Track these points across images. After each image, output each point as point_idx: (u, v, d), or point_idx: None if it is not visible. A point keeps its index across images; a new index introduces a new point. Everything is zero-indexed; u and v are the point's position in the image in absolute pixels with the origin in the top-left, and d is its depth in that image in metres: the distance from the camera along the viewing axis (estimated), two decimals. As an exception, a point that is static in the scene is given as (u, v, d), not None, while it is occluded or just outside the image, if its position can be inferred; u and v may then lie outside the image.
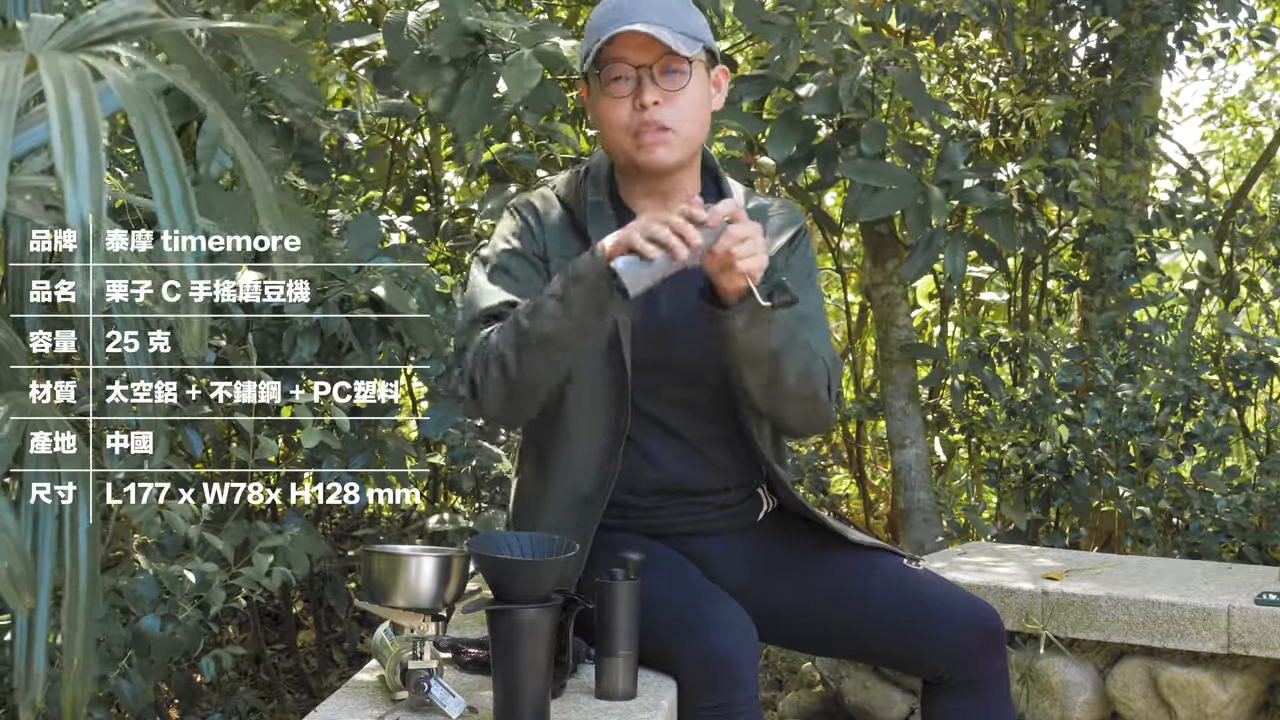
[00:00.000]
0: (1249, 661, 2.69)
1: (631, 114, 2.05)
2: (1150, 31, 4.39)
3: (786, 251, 2.20)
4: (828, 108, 3.74)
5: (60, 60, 1.17)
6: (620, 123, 2.06)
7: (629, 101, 2.05)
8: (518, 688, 1.71)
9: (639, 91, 2.04)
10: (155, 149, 1.19)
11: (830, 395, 2.11)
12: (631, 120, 2.05)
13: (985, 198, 3.85)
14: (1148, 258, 4.35)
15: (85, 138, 1.10)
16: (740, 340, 1.95)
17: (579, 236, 2.12)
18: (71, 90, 1.13)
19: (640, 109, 2.04)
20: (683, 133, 2.07)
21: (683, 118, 2.06)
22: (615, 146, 2.10)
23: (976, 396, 4.43)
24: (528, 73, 2.88)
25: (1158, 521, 3.92)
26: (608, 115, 2.07)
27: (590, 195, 2.14)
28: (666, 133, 2.05)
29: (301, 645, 3.73)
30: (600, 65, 2.05)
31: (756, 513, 2.24)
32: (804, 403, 2.07)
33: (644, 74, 2.04)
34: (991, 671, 2.09)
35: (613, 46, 2.03)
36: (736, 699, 1.86)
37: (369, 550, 1.81)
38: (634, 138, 2.06)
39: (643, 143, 2.05)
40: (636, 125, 2.05)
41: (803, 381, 2.04)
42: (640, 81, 2.04)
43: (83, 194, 1.09)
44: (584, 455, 2.08)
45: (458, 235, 3.91)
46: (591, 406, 2.08)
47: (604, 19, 2.06)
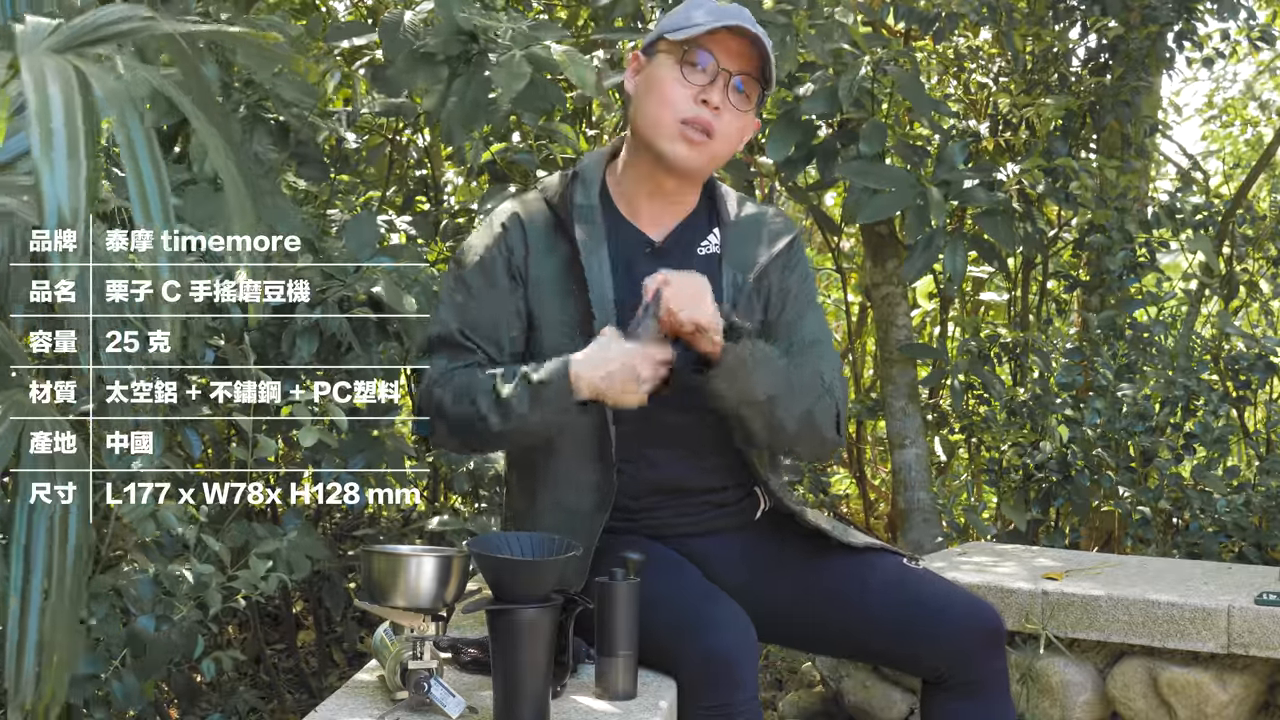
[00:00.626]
0: (1249, 661, 2.69)
1: (691, 104, 2.05)
2: (1150, 32, 4.39)
3: (782, 263, 2.19)
4: (827, 108, 3.74)
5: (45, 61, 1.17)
6: (675, 104, 2.05)
7: (694, 92, 2.05)
8: (518, 688, 1.71)
9: (709, 89, 2.05)
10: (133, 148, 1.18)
11: (840, 429, 2.13)
12: (688, 108, 2.05)
13: (985, 198, 3.85)
14: (1148, 258, 4.35)
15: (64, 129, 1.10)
16: (729, 396, 1.99)
17: (565, 240, 2.11)
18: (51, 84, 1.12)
19: (702, 105, 2.04)
20: (718, 149, 2.09)
21: (727, 135, 2.08)
22: (652, 124, 2.08)
23: (976, 396, 4.43)
24: (516, 74, 2.87)
25: (1158, 521, 3.92)
26: (665, 91, 2.06)
27: (578, 198, 2.13)
28: (709, 140, 2.06)
29: (301, 645, 3.73)
30: (687, 45, 2.05)
31: (754, 512, 2.24)
32: (809, 443, 2.12)
33: (723, 77, 2.05)
34: (991, 671, 2.08)
35: (713, 37, 2.04)
36: (736, 699, 1.86)
37: (369, 550, 1.81)
38: (679, 125, 2.05)
39: (684, 135, 2.05)
40: (690, 116, 2.05)
41: (805, 424, 2.07)
42: (715, 80, 2.05)
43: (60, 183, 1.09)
44: (576, 482, 2.09)
45: (457, 235, 3.91)
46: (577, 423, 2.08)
47: (706, 8, 2.07)
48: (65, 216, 1.10)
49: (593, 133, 4.48)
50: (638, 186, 2.15)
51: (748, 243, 2.18)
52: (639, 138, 2.12)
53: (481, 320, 2.09)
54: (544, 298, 2.10)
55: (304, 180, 3.29)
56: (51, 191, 1.09)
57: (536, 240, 2.12)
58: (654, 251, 2.14)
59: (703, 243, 2.17)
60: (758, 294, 2.16)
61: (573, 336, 2.07)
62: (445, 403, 2.04)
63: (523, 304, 2.11)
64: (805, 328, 2.19)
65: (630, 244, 2.14)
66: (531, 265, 2.11)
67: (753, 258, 2.16)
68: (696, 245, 2.17)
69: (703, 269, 2.13)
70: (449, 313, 2.11)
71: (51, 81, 1.11)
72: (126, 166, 1.18)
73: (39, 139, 1.10)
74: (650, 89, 2.09)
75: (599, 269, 2.08)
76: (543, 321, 2.10)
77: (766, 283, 2.17)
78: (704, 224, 2.18)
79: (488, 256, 2.12)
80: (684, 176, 2.12)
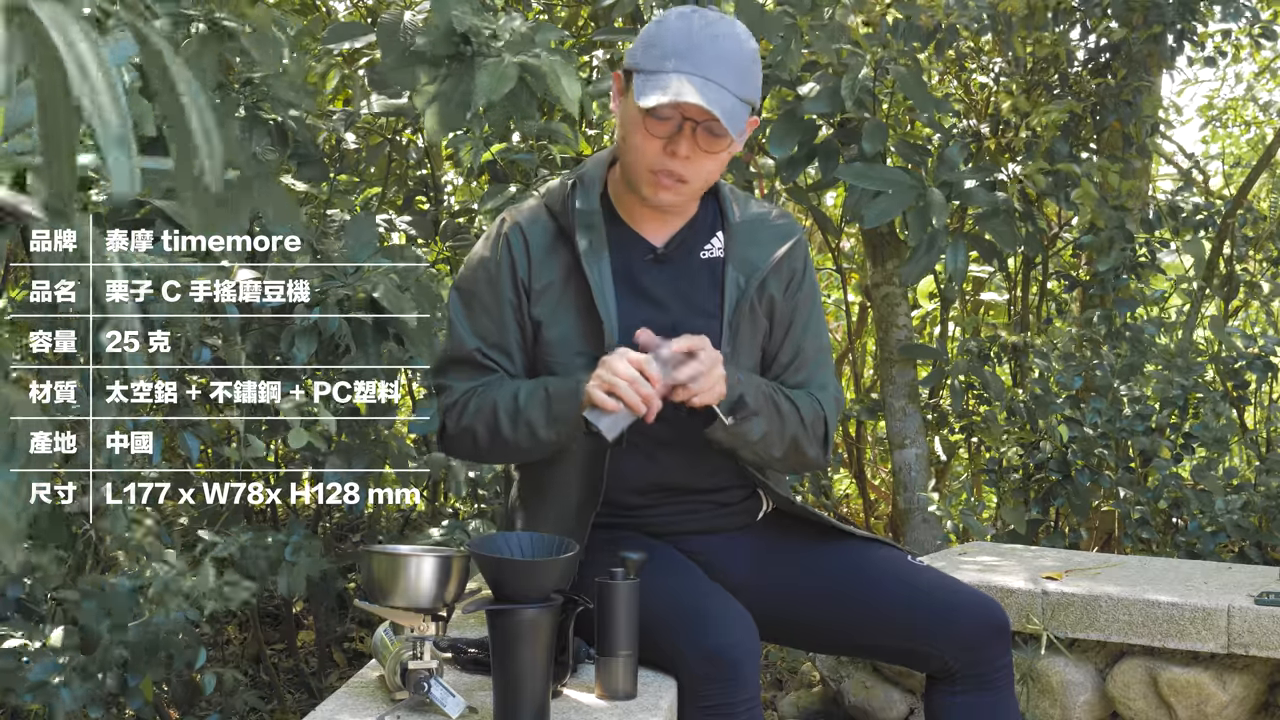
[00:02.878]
0: (1249, 661, 2.69)
1: (659, 155, 2.01)
2: (1152, 33, 4.39)
3: (786, 266, 2.19)
4: (829, 107, 3.74)
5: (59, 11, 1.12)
6: (645, 154, 2.02)
7: (662, 142, 2.00)
8: (518, 688, 1.71)
9: (675, 140, 1.99)
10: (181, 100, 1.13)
11: (826, 445, 2.18)
12: (656, 160, 2.01)
13: (986, 198, 3.85)
14: (1148, 258, 4.35)
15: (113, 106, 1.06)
16: (724, 441, 2.05)
17: (566, 247, 2.10)
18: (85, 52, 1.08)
19: (670, 155, 2.00)
20: (695, 186, 2.06)
21: (703, 174, 2.05)
22: (628, 167, 2.07)
23: (976, 396, 4.43)
24: (502, 78, 2.87)
25: (1158, 521, 3.92)
26: (635, 140, 2.02)
27: (579, 204, 2.11)
28: (682, 184, 2.03)
29: (301, 645, 3.73)
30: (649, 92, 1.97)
31: (757, 511, 2.24)
32: (796, 465, 2.19)
33: (688, 126, 1.99)
34: (998, 666, 2.09)
35: None
36: (737, 698, 1.86)
37: (369, 550, 1.81)
38: (650, 174, 2.03)
39: (657, 184, 2.03)
40: (659, 166, 2.01)
41: (792, 450, 2.13)
42: (681, 130, 1.99)
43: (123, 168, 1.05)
44: (572, 464, 2.09)
45: (457, 235, 3.91)
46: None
47: (671, 46, 1.98)
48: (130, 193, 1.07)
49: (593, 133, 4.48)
50: (633, 199, 2.13)
51: (752, 245, 2.16)
52: (621, 168, 2.11)
53: (493, 335, 2.10)
54: (547, 307, 2.10)
55: (303, 181, 3.29)
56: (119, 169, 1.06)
57: (538, 250, 2.11)
58: (656, 258, 2.13)
59: (705, 247, 2.16)
60: (760, 298, 2.15)
61: (576, 345, 2.07)
62: (468, 425, 2.07)
63: (527, 314, 2.10)
64: (809, 339, 2.21)
65: (632, 251, 2.13)
66: (534, 276, 2.10)
67: (757, 260, 2.15)
68: (699, 250, 2.16)
69: (705, 273, 2.13)
70: (462, 331, 2.12)
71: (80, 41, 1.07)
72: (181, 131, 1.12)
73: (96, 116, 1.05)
74: (623, 129, 2.06)
75: (601, 277, 2.07)
76: (546, 330, 2.09)
77: (769, 289, 2.16)
78: (706, 228, 2.17)
79: (493, 270, 2.12)
80: None
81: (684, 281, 2.13)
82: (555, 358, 2.09)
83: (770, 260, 2.15)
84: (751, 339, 2.14)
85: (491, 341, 2.09)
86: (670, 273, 2.13)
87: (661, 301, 2.11)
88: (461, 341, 2.11)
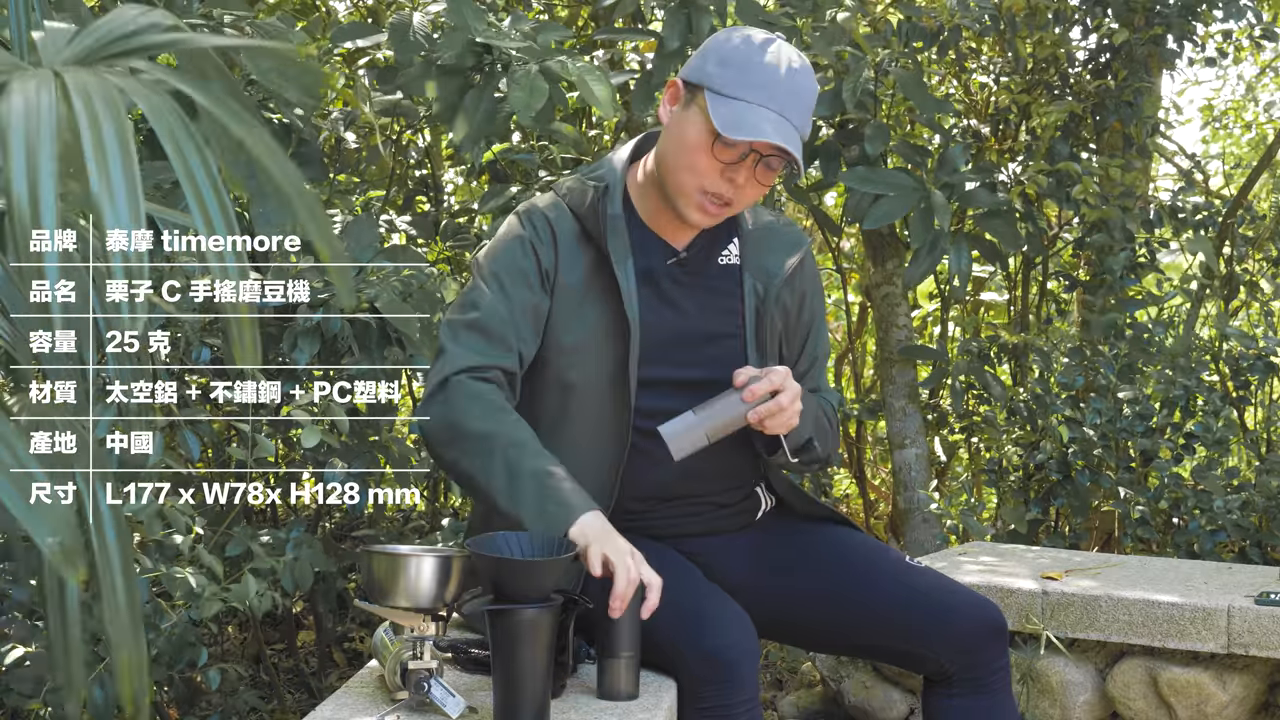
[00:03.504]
0: (1249, 661, 2.69)
1: (716, 178, 2.00)
2: (1153, 33, 4.39)
3: (799, 276, 2.21)
4: (831, 109, 3.74)
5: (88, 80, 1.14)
6: (701, 175, 2.00)
7: (721, 168, 1.99)
8: (518, 688, 1.71)
9: (737, 168, 1.99)
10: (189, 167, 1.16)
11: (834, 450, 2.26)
12: (713, 184, 2.00)
13: (987, 199, 3.85)
14: (1148, 258, 4.35)
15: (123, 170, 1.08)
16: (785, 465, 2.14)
17: (589, 248, 2.09)
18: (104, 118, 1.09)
19: (727, 182, 2.00)
20: (734, 210, 2.07)
21: (745, 201, 2.05)
22: (673, 183, 2.04)
23: (976, 396, 4.43)
24: (535, 92, 2.87)
25: (1158, 521, 3.92)
26: (693, 158, 2.00)
27: (609, 209, 2.09)
28: (725, 208, 2.04)
29: (301, 645, 3.73)
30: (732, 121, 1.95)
31: (755, 511, 2.24)
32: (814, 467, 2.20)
33: (753, 157, 1.99)
34: (996, 669, 2.09)
35: None
36: (736, 699, 1.86)
37: (369, 550, 1.81)
38: (700, 195, 2.01)
39: (703, 207, 2.02)
40: (714, 190, 2.01)
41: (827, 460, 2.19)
42: (745, 158, 1.98)
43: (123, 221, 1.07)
44: (584, 468, 2.06)
45: (458, 235, 3.91)
46: (596, 421, 2.08)
47: (760, 81, 1.97)
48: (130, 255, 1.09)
49: (593, 132, 4.48)
50: (659, 204, 2.13)
51: (766, 253, 2.19)
52: (662, 177, 2.08)
53: (512, 315, 2.04)
54: (566, 307, 2.08)
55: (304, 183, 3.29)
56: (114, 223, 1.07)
57: (566, 247, 2.09)
58: (677, 262, 2.13)
59: (723, 253, 2.17)
60: (775, 305, 2.17)
61: (599, 349, 2.06)
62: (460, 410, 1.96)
63: (545, 308, 2.07)
64: (820, 346, 2.27)
65: (654, 254, 2.13)
66: (560, 271, 2.08)
67: (772, 268, 2.18)
68: (717, 256, 2.17)
69: (723, 279, 2.15)
70: (481, 301, 2.04)
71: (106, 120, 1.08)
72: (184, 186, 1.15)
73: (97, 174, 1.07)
74: (680, 144, 2.02)
75: (626, 280, 2.07)
76: (564, 335, 2.07)
77: (783, 297, 2.19)
78: (724, 234, 2.18)
79: (521, 254, 2.07)
80: None
81: (704, 287, 2.15)
82: (573, 365, 2.07)
83: (785, 269, 2.18)
84: (770, 345, 2.16)
85: (505, 318, 2.03)
86: (691, 278, 2.14)
87: (683, 306, 2.12)
88: (477, 310, 2.03)
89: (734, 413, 1.95)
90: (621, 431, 2.06)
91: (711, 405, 1.96)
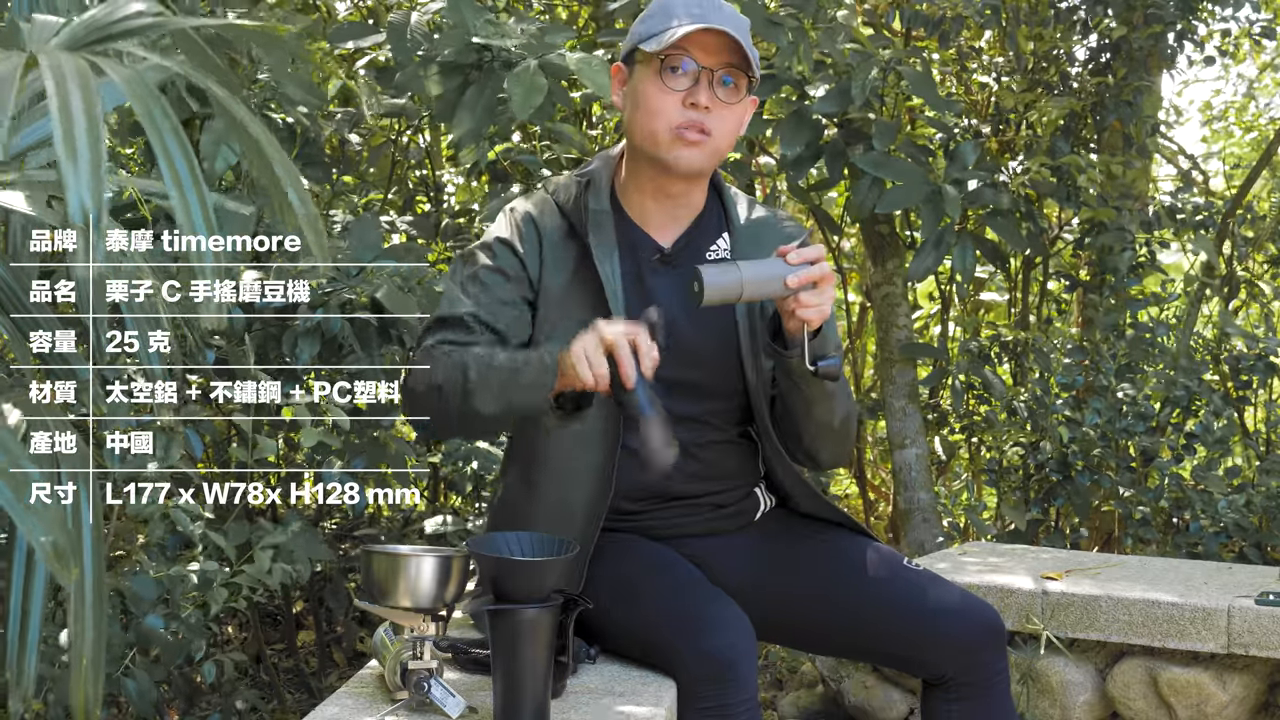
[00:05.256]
0: (1249, 661, 2.69)
1: (680, 109, 2.02)
2: (1152, 31, 4.39)
3: None
4: (839, 108, 3.74)
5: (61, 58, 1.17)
6: (666, 114, 2.03)
7: (680, 97, 2.02)
8: (518, 688, 1.71)
9: (694, 91, 2.02)
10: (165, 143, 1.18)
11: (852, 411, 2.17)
12: (678, 114, 2.02)
13: (992, 197, 3.85)
14: (1148, 258, 4.35)
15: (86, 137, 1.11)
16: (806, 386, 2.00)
17: (576, 245, 2.09)
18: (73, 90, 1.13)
19: (691, 108, 2.02)
20: (718, 144, 2.06)
21: (724, 129, 2.05)
22: (647, 136, 2.06)
23: (976, 396, 4.43)
24: (533, 88, 2.87)
25: (1158, 521, 3.92)
26: (654, 103, 2.03)
27: (592, 204, 2.10)
28: (706, 137, 2.04)
29: (301, 645, 3.74)
30: (664, 52, 2.01)
31: (754, 512, 2.24)
32: (842, 443, 2.15)
33: (705, 76, 2.02)
34: (994, 672, 2.09)
35: (688, 38, 2.00)
36: (735, 699, 1.86)
37: (369, 550, 1.81)
38: (674, 132, 2.03)
39: (683, 138, 2.03)
40: (682, 121, 2.02)
41: (844, 424, 2.11)
42: (698, 81, 2.02)
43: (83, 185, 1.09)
44: (577, 471, 2.07)
45: (458, 235, 3.91)
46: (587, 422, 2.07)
47: (671, 7, 2.03)
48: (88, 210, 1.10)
49: (594, 132, 4.49)
50: (643, 192, 2.12)
51: (758, 247, 2.15)
52: (637, 150, 2.10)
53: (490, 309, 2.05)
54: (552, 307, 2.08)
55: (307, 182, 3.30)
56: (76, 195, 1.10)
57: (550, 246, 2.10)
58: (663, 258, 2.13)
59: (711, 247, 2.16)
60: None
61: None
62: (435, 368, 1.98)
63: (530, 308, 2.08)
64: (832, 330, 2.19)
65: (640, 250, 2.12)
66: (545, 272, 2.08)
67: None
68: (705, 250, 2.16)
69: None
70: (459, 295, 2.06)
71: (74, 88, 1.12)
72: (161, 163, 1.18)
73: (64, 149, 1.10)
74: (638, 103, 2.06)
75: (612, 277, 2.07)
76: (547, 329, 2.07)
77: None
78: (713, 228, 2.17)
79: (504, 254, 2.09)
80: (690, 178, 2.10)
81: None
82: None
83: None
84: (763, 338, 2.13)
85: (486, 314, 2.04)
86: (677, 274, 2.12)
87: (669, 303, 2.11)
88: (455, 305, 2.05)
89: (774, 271, 1.89)
90: (612, 432, 2.06)
91: (755, 262, 1.93)
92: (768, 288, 1.89)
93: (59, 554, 1.17)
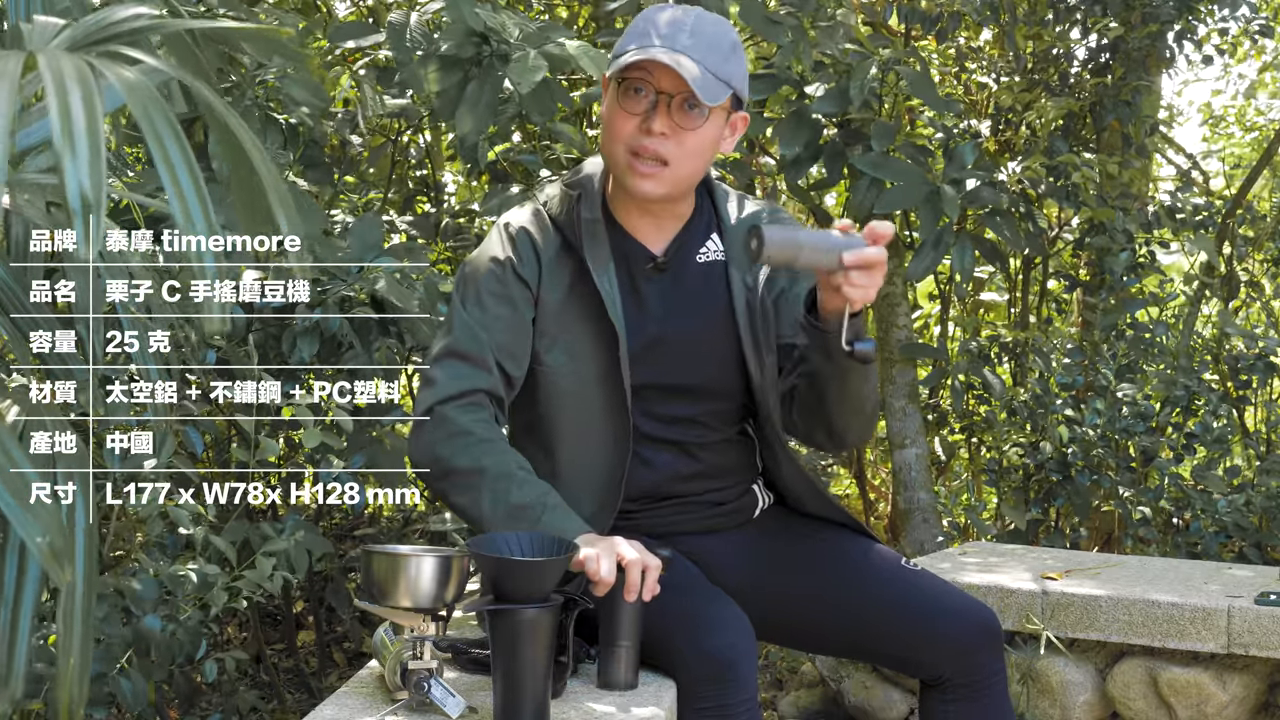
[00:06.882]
0: (1249, 661, 2.69)
1: (635, 134, 1.98)
2: (1150, 31, 4.39)
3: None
4: (838, 107, 3.74)
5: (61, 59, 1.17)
6: (623, 138, 2.00)
7: (638, 121, 1.99)
8: (518, 688, 1.71)
9: (651, 117, 1.98)
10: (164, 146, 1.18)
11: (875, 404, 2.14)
12: (633, 139, 1.99)
13: (991, 197, 3.86)
14: (1148, 258, 4.35)
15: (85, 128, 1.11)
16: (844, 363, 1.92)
17: (573, 259, 2.08)
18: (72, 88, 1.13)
19: (645, 134, 1.98)
20: (678, 171, 2.02)
21: (684, 155, 2.00)
22: (609, 157, 2.05)
23: (976, 396, 4.43)
24: (532, 69, 2.87)
25: (1158, 521, 3.92)
26: (613, 125, 2.01)
27: (585, 214, 2.08)
28: (662, 168, 2.00)
29: (301, 645, 3.74)
30: (624, 74, 1.98)
31: (752, 509, 2.23)
32: (869, 425, 2.12)
33: (663, 101, 1.97)
34: (991, 673, 2.09)
35: (649, 62, 1.96)
36: (735, 699, 1.86)
37: (369, 550, 1.81)
38: (630, 158, 2.00)
39: (635, 169, 2.00)
40: (636, 147, 1.99)
41: (874, 408, 2.08)
42: (656, 106, 1.98)
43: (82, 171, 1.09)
44: (587, 477, 2.07)
45: (458, 236, 3.91)
46: (594, 430, 2.07)
47: (645, 28, 1.99)
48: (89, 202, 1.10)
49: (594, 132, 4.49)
50: (628, 202, 2.11)
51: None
52: (608, 165, 2.09)
53: (493, 336, 2.03)
54: (551, 321, 2.07)
55: (308, 182, 3.29)
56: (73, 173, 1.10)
57: (548, 263, 2.08)
58: (656, 267, 2.12)
59: (700, 250, 2.15)
60: (770, 291, 2.14)
61: (587, 359, 2.06)
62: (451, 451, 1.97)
63: (530, 325, 2.07)
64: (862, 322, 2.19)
65: (633, 259, 2.11)
66: (543, 289, 2.07)
67: None
68: (695, 254, 2.15)
69: (707, 277, 2.13)
70: (461, 325, 2.04)
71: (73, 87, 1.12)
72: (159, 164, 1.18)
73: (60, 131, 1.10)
74: (605, 121, 2.04)
75: (610, 287, 2.06)
76: (549, 354, 2.07)
77: (779, 282, 2.15)
78: (702, 230, 2.16)
79: (501, 273, 2.07)
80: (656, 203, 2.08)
81: (687, 288, 2.12)
82: (566, 376, 2.06)
83: None
84: (766, 335, 2.13)
85: (495, 347, 2.03)
86: (671, 281, 2.12)
87: (668, 310, 2.11)
88: (458, 336, 2.03)
89: (833, 243, 1.84)
90: (622, 439, 2.06)
91: (815, 231, 1.90)
92: (824, 259, 1.84)
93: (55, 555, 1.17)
